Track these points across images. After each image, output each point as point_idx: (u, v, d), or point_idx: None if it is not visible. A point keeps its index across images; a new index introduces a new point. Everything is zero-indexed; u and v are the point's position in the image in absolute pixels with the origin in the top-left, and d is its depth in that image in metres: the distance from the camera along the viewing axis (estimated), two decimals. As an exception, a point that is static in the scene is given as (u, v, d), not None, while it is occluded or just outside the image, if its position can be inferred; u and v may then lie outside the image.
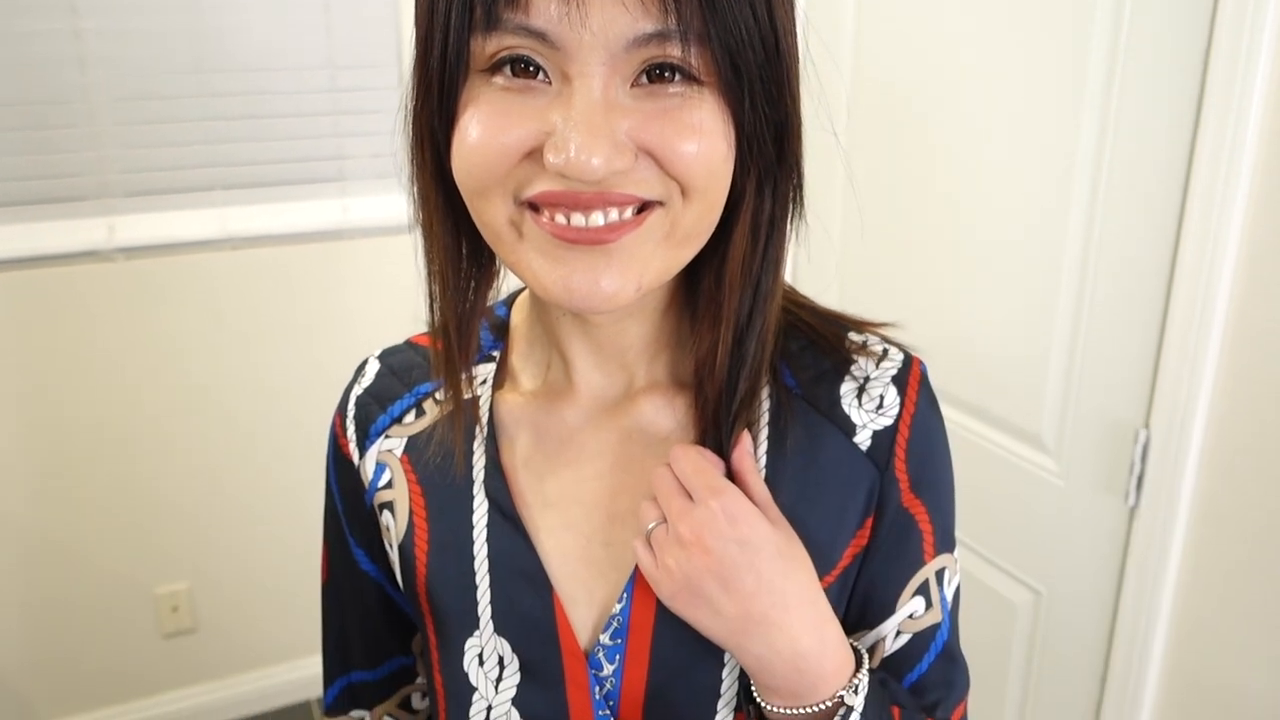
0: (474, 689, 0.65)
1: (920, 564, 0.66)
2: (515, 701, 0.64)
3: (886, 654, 0.66)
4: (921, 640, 0.66)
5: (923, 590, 0.66)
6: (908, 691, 0.66)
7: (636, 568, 0.63)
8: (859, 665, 0.60)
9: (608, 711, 0.63)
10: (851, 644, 0.61)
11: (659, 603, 0.62)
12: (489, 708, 0.64)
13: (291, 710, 2.46)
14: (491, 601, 0.65)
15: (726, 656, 0.62)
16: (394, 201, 2.20)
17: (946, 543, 0.68)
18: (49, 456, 2.13)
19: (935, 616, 0.67)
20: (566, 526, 0.65)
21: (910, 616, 0.66)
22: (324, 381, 0.72)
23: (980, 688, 1.30)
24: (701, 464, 0.60)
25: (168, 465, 2.23)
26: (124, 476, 2.20)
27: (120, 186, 2.05)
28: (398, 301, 1.91)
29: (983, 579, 1.62)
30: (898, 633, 0.66)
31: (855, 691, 0.58)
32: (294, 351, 2.24)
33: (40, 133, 1.97)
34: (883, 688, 0.62)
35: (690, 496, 0.59)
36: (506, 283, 0.70)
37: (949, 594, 0.68)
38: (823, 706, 0.58)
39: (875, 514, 0.65)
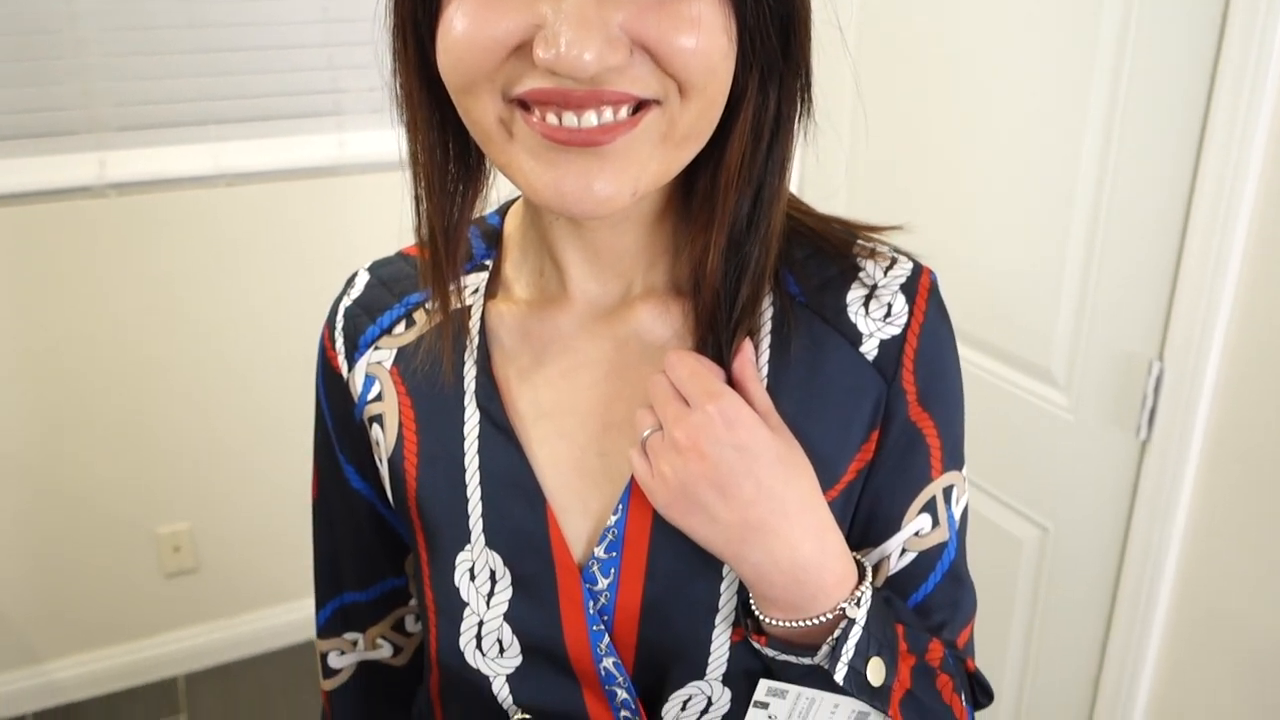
0: (465, 604, 0.63)
1: (927, 480, 0.63)
2: (507, 617, 0.62)
3: (891, 573, 0.63)
4: (927, 559, 0.64)
5: (929, 508, 0.63)
6: (912, 612, 0.64)
7: (632, 478, 0.60)
8: (861, 578, 0.57)
9: (602, 626, 0.60)
10: (855, 557, 0.59)
11: (656, 514, 0.60)
12: (480, 623, 0.62)
13: (294, 650, 2.47)
14: (483, 515, 0.63)
15: (725, 570, 0.60)
16: (392, 137, 2.13)
17: (955, 459, 0.65)
18: (45, 396, 2.11)
19: (942, 535, 0.64)
20: (560, 436, 0.63)
21: (916, 534, 0.63)
22: (322, 320, 0.70)
23: (984, 626, 1.29)
24: (698, 369, 0.57)
25: (166, 404, 2.21)
26: (122, 416, 2.19)
27: (111, 120, 2.01)
28: (397, 239, 1.88)
29: (988, 515, 1.60)
30: (903, 551, 0.63)
31: (857, 604, 0.56)
32: (292, 290, 2.21)
33: (26, 64, 1.92)
34: (886, 605, 0.60)
35: (687, 402, 0.57)
36: (499, 192, 0.67)
37: (957, 513, 0.65)
38: (823, 619, 0.55)
39: (881, 427, 0.62)
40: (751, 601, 0.58)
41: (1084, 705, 1.52)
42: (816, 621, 0.55)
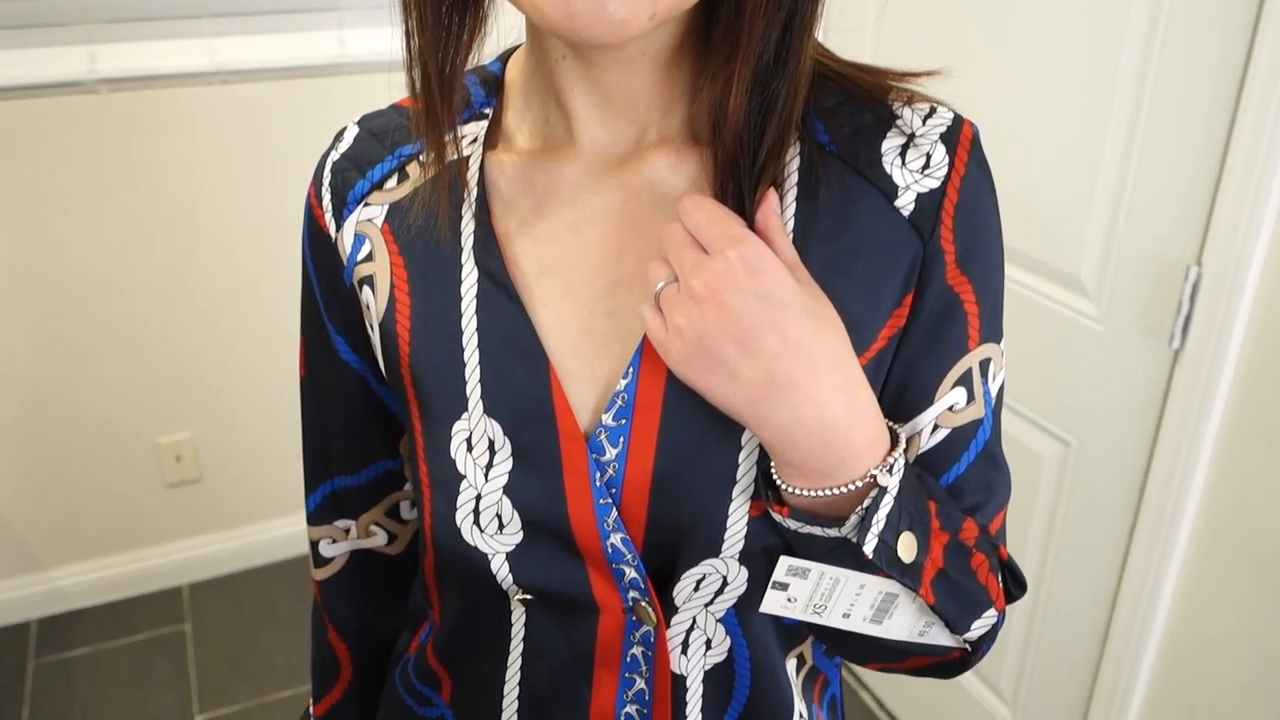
0: (462, 477, 0.58)
1: (963, 350, 0.57)
2: (507, 490, 0.57)
3: (921, 451, 0.58)
4: (961, 437, 0.58)
5: (964, 381, 0.58)
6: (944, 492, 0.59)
7: (644, 338, 0.55)
8: (894, 444, 0.52)
9: (609, 500, 0.56)
10: (887, 424, 0.53)
11: (669, 377, 0.54)
12: (478, 497, 0.57)
13: (299, 563, 2.46)
14: (481, 380, 0.57)
15: (744, 438, 0.55)
16: (395, 35, 2.04)
17: (993, 330, 0.59)
18: (41, 302, 2.06)
19: (977, 412, 0.59)
20: (566, 295, 0.57)
21: (950, 409, 0.58)
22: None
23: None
24: (717, 213, 0.52)
25: (164, 310, 2.16)
26: (122, 323, 2.14)
27: (101, 11, 1.92)
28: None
29: (1007, 430, 1.55)
30: (935, 427, 0.58)
31: (889, 471, 0.50)
32: (292, 193, 2.14)
33: (12, -51, 1.84)
34: (918, 480, 0.55)
35: (705, 250, 0.51)
36: (499, 40, 0.61)
37: (993, 389, 0.60)
38: (852, 488, 0.50)
39: (916, 289, 0.56)
40: (773, 470, 0.52)
41: (1100, 623, 1.49)
42: (844, 490, 0.50)
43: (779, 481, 0.52)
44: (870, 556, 0.49)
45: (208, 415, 2.29)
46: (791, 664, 0.65)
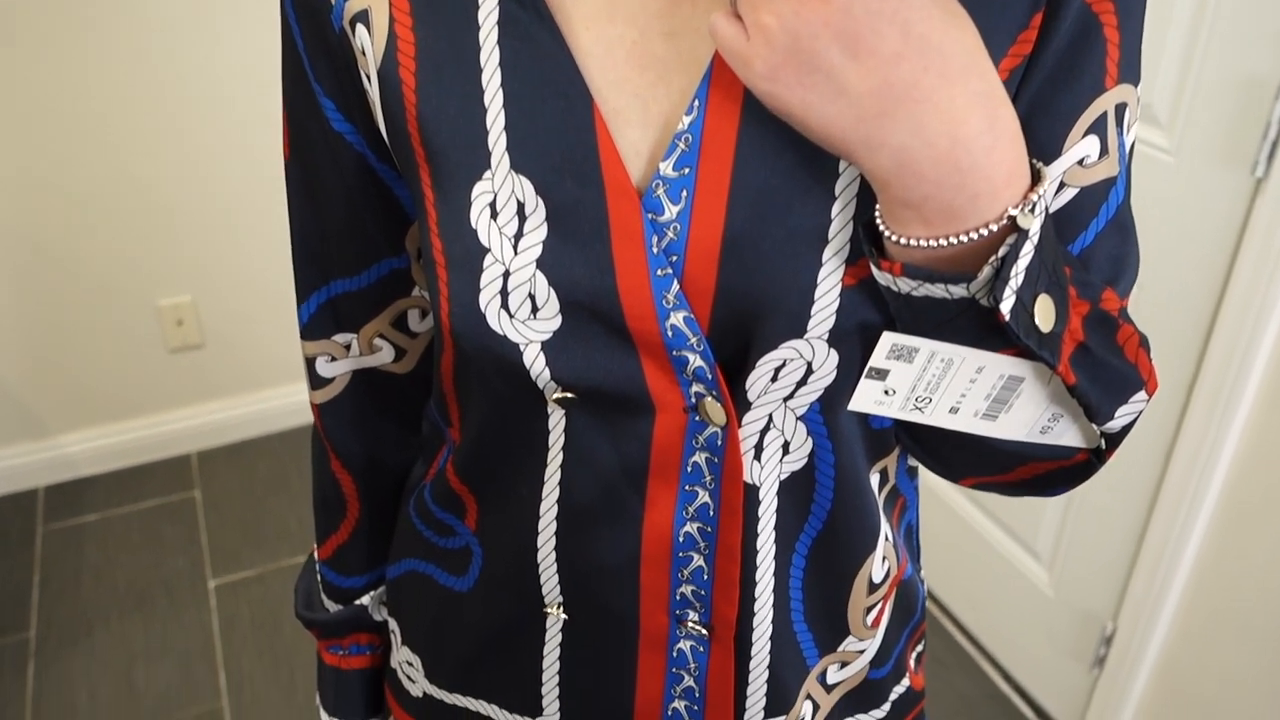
0: (485, 250, 0.47)
1: (1099, 89, 0.46)
2: (541, 263, 0.46)
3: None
4: (1091, 199, 0.47)
5: (1098, 128, 0.46)
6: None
7: (713, 62, 0.44)
8: (1035, 180, 0.41)
9: (669, 270, 0.45)
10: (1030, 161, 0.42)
11: (744, 111, 0.43)
12: (505, 274, 0.47)
13: (308, 430, 2.39)
14: (507, 128, 0.47)
15: (839, 185, 0.44)
16: None
17: (1133, 68, 0.48)
18: (36, 162, 1.94)
19: (1110, 169, 0.47)
20: (611, 14, 0.46)
21: (1080, 163, 0.47)
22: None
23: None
24: None
25: (163, 169, 2.04)
26: (117, 182, 2.02)
27: None
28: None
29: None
30: (1062, 185, 0.47)
31: (1032, 211, 0.40)
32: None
33: None
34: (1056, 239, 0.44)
35: None
36: None
37: (1128, 141, 0.49)
38: (984, 233, 0.39)
39: (1048, 8, 0.44)
40: (878, 219, 0.42)
41: (1151, 480, 1.40)
42: (975, 236, 0.39)
43: (887, 233, 0.41)
44: (1007, 318, 0.39)
45: (208, 277, 2.19)
46: (875, 479, 0.55)
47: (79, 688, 1.76)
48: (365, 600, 0.70)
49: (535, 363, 0.48)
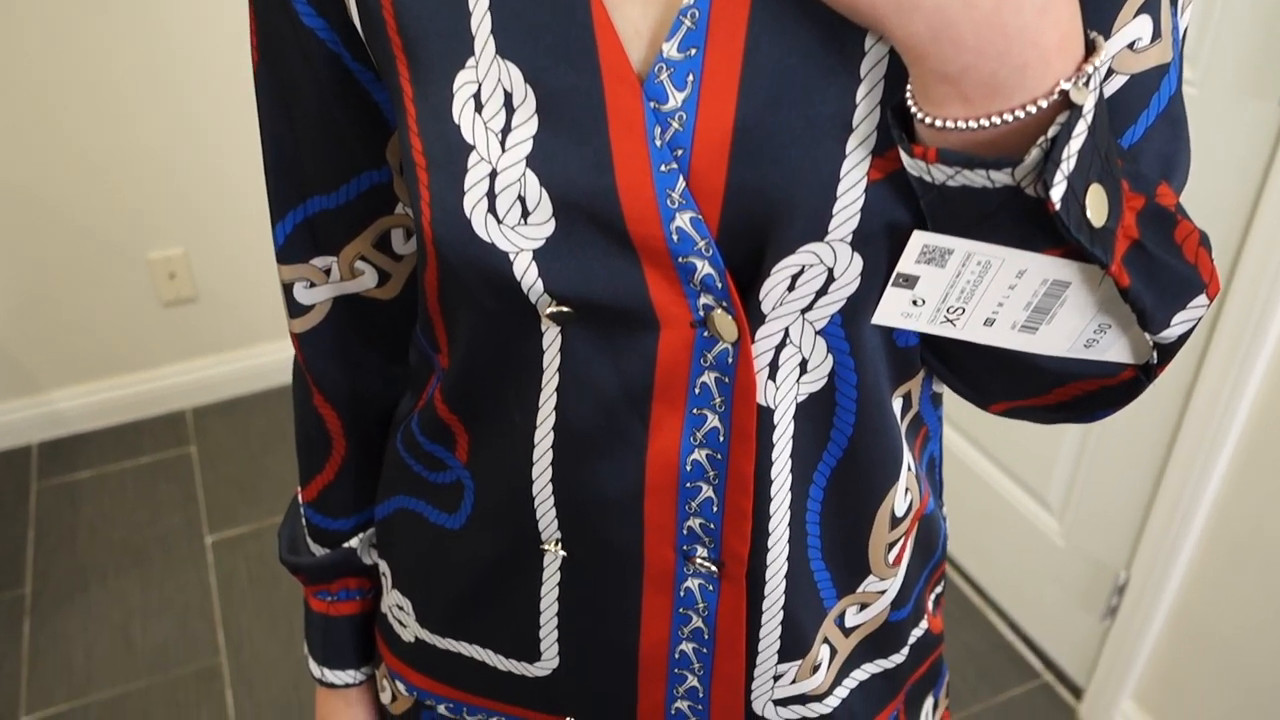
0: (470, 148, 0.43)
1: None
2: (531, 161, 0.42)
3: None
4: (1141, 88, 0.43)
5: (1150, 7, 0.41)
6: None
7: None
8: (1090, 52, 0.36)
9: (674, 165, 0.41)
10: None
11: None
12: (493, 174, 0.43)
13: (306, 386, 2.36)
14: (491, 8, 0.42)
15: (864, 67, 0.39)
16: None
17: None
18: (22, 113, 1.88)
19: (1163, 54, 0.43)
20: None
21: (1131, 47, 0.42)
22: None
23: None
24: None
25: (147, 112, 1.98)
26: (104, 131, 1.96)
27: None
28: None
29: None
30: (1110, 72, 0.42)
31: (1086, 84, 0.35)
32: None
33: None
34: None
35: None
36: None
37: (1182, 25, 0.44)
38: (1031, 110, 0.35)
39: None
40: (909, 99, 0.37)
41: (1168, 424, 1.37)
42: (1021, 115, 0.35)
43: (920, 115, 0.36)
44: (1058, 207, 0.34)
45: (200, 229, 2.14)
46: (897, 405, 0.51)
47: (75, 644, 1.74)
48: (353, 543, 0.66)
49: (526, 274, 0.44)
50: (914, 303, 0.42)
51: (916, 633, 0.61)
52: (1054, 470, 1.60)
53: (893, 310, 0.42)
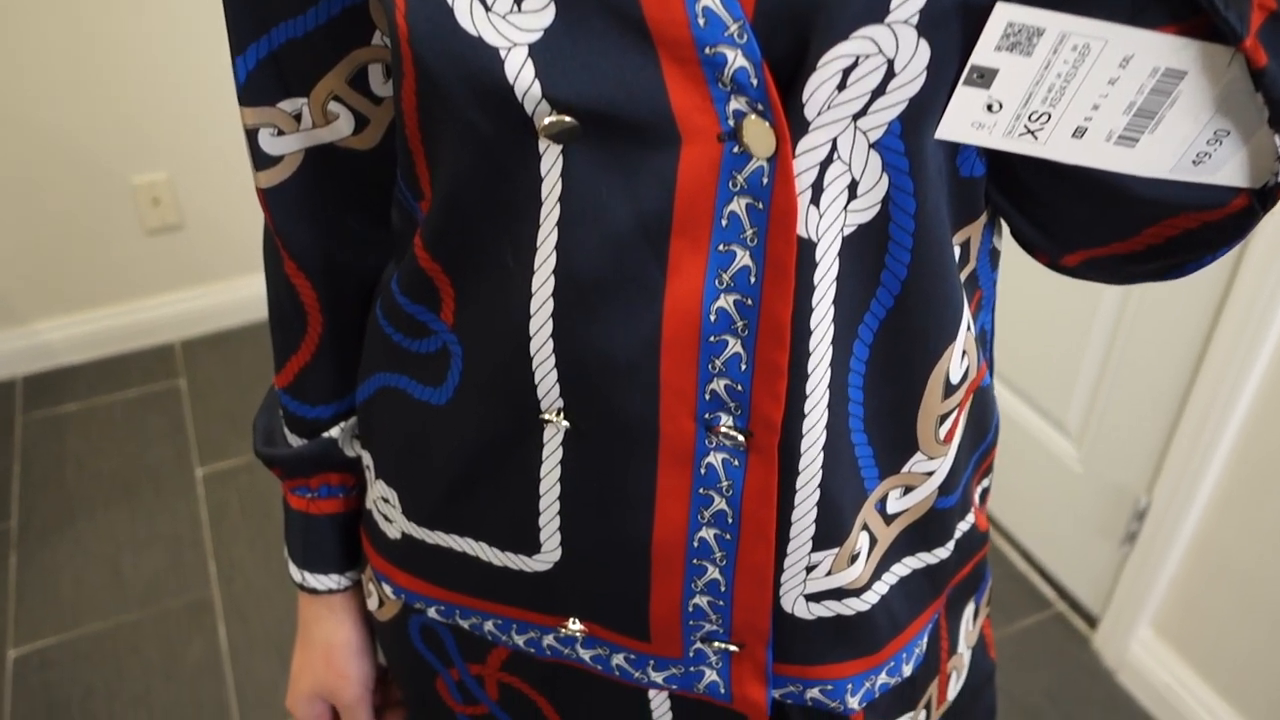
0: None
1: None
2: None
3: None
4: None
5: None
6: None
7: None
8: None
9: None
10: None
11: None
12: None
13: (298, 318, 2.29)
14: None
15: None
16: None
17: None
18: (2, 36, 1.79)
19: None
20: None
21: None
22: None
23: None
24: None
25: (125, 25, 1.89)
26: (77, 41, 1.87)
27: None
28: None
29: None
30: None
31: None
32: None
33: None
34: None
35: None
36: None
37: None
38: None
39: None
40: None
41: (1192, 350, 1.30)
42: None
43: None
44: None
45: (184, 153, 2.06)
46: (955, 252, 0.44)
47: (64, 576, 1.69)
48: (334, 433, 0.59)
49: (521, 74, 0.37)
50: (989, 108, 0.35)
51: (963, 526, 0.55)
52: (1073, 393, 1.54)
53: (962, 118, 0.35)
